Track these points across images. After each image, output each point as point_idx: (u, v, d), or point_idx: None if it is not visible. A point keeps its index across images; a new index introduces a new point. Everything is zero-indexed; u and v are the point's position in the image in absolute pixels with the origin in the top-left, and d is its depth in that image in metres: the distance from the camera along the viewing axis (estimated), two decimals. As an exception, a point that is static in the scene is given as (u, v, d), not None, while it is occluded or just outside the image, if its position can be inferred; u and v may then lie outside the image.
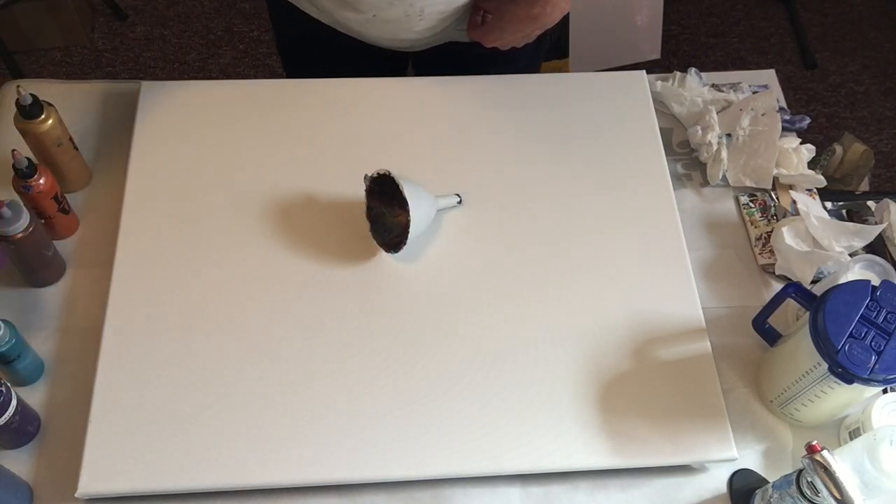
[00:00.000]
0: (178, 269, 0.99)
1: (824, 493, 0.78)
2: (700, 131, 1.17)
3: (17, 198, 0.97)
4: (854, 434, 0.96)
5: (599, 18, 2.20)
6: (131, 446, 0.88)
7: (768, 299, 1.00)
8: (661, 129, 1.16)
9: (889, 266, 1.05)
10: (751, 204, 1.15)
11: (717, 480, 0.95)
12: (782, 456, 0.97)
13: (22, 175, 0.97)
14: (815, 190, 1.16)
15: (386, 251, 1.01)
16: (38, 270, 1.00)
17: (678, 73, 1.24)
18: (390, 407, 0.92)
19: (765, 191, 1.16)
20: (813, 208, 1.11)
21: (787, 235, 1.07)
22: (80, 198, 1.09)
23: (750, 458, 0.97)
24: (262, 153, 1.09)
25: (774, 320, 1.01)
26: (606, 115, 1.16)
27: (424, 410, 0.92)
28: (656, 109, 1.18)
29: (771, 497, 0.87)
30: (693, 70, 1.24)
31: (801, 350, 0.90)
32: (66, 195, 1.04)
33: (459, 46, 1.18)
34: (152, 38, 2.37)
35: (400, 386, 0.93)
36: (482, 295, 1.00)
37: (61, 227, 1.04)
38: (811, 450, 0.79)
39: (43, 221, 1.01)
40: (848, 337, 0.85)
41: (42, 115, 1.00)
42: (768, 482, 0.90)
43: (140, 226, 1.02)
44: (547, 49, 1.31)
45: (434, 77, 1.18)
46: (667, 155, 1.14)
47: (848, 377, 0.85)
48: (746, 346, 1.04)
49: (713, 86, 1.23)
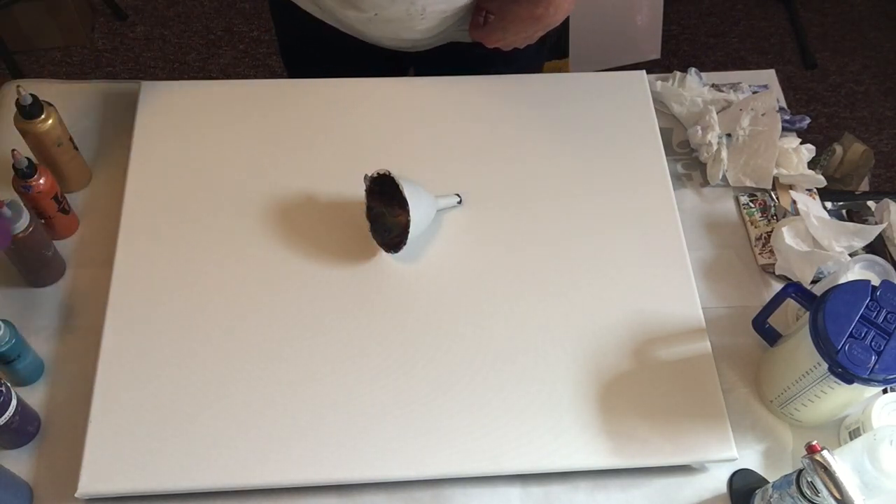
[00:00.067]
0: (178, 269, 0.99)
1: (824, 493, 0.78)
2: (700, 131, 1.17)
3: (17, 198, 0.97)
4: (854, 434, 0.96)
5: (599, 18, 2.20)
6: (131, 446, 0.88)
7: (768, 299, 1.00)
8: (661, 129, 1.16)
9: (889, 266, 1.05)
10: (751, 204, 1.15)
11: (717, 480, 0.95)
12: (782, 456, 0.97)
13: (22, 175, 0.97)
14: (815, 190, 1.16)
15: (386, 251, 1.01)
16: (38, 270, 1.00)
17: (678, 73, 1.24)
18: (390, 407, 0.92)
19: (765, 191, 1.16)
20: (813, 208, 1.11)
21: (787, 235, 1.07)
22: (80, 198, 1.09)
23: (750, 458, 0.97)
24: (262, 153, 1.09)
25: (774, 320, 1.01)
26: (606, 115, 1.16)
27: (424, 410, 0.92)
28: (656, 109, 1.18)
29: (771, 497, 0.87)
30: (693, 70, 1.24)
31: (801, 350, 0.90)
32: (66, 195, 1.04)
33: (461, 47, 1.18)
34: (152, 38, 2.37)
35: (400, 386, 0.93)
36: (482, 295, 1.00)
37: (61, 227, 1.04)
38: (811, 450, 0.79)
39: (43, 221, 1.01)
40: (848, 337, 0.85)
41: (42, 115, 1.00)
42: (768, 482, 0.90)
43: (140, 226, 1.02)
44: (548, 49, 1.31)
45: (433, 77, 1.18)
46: (667, 155, 1.14)
47: (848, 377, 0.85)
48: (746, 346, 1.04)
49: (713, 86, 1.23)
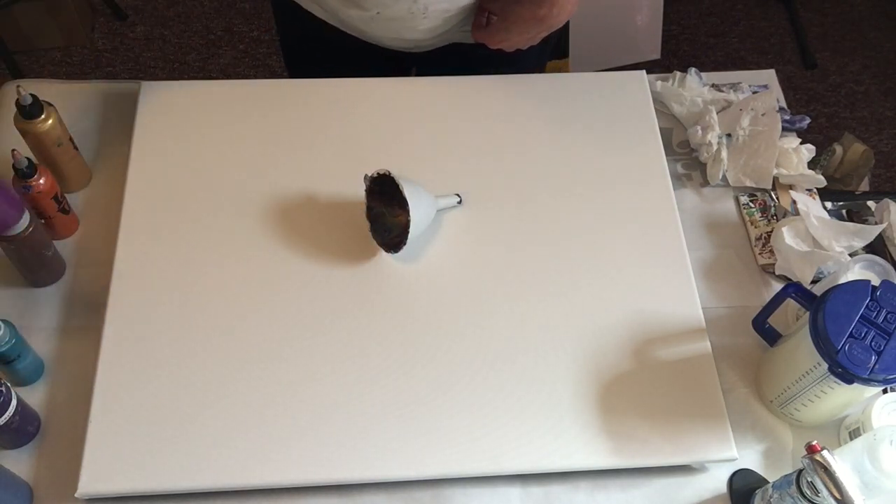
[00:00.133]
0: (178, 268, 0.99)
1: (824, 493, 0.78)
2: (700, 131, 1.17)
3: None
4: (854, 434, 0.96)
5: (599, 18, 2.20)
6: (131, 446, 0.88)
7: (768, 299, 1.00)
8: (661, 129, 1.16)
9: (889, 266, 1.05)
10: (751, 204, 1.15)
11: (717, 480, 0.95)
12: (782, 456, 0.97)
13: (22, 175, 0.97)
14: (815, 190, 1.16)
15: (386, 251, 1.01)
16: (38, 270, 1.00)
17: (678, 73, 1.24)
18: (390, 407, 0.92)
19: (765, 191, 1.16)
20: (813, 208, 1.11)
21: (787, 235, 1.07)
22: (80, 198, 1.09)
23: (750, 458, 0.97)
24: (262, 153, 1.09)
25: (774, 320, 1.01)
26: (606, 115, 1.16)
27: (424, 410, 0.92)
28: (656, 109, 1.18)
29: (771, 497, 0.87)
30: (693, 70, 1.24)
31: (801, 350, 0.90)
32: (66, 195, 1.04)
33: (463, 48, 1.17)
34: (152, 38, 2.37)
35: (400, 386, 0.93)
36: (482, 295, 1.00)
37: (61, 227, 1.04)
38: (811, 450, 0.79)
39: (43, 221, 1.01)
40: (848, 337, 0.85)
41: (42, 115, 1.00)
42: (768, 482, 0.90)
43: (140, 226, 1.02)
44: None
45: (433, 77, 1.18)
46: (667, 155, 1.14)
47: (848, 377, 0.85)
48: (746, 346, 1.04)
49: (713, 86, 1.23)
